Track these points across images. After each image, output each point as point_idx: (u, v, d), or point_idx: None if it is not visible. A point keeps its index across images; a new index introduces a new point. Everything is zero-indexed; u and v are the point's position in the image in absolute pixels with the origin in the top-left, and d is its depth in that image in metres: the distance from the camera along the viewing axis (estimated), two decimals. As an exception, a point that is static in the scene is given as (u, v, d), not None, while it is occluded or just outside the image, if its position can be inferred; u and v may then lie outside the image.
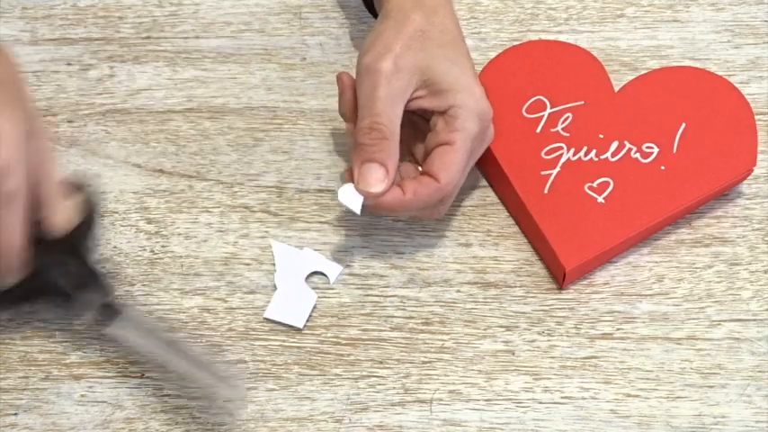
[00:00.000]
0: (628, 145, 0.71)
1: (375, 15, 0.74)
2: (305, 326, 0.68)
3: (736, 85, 0.73)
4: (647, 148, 0.71)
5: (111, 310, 0.65)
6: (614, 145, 0.71)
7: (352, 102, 0.68)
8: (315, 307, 0.69)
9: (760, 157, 0.73)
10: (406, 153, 0.70)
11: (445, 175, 0.66)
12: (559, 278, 0.69)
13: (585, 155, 0.71)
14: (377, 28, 0.68)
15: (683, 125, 0.72)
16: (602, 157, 0.71)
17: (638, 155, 0.71)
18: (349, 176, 0.67)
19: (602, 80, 0.74)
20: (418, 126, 0.70)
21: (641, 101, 0.73)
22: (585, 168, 0.71)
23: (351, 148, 0.67)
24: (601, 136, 0.72)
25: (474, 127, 0.66)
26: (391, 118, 0.65)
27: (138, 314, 0.66)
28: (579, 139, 0.72)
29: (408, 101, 0.67)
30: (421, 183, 0.66)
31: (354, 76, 0.68)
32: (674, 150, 0.71)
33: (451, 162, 0.66)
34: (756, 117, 0.72)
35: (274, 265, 0.70)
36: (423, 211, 0.69)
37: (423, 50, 0.66)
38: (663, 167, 0.71)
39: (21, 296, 0.68)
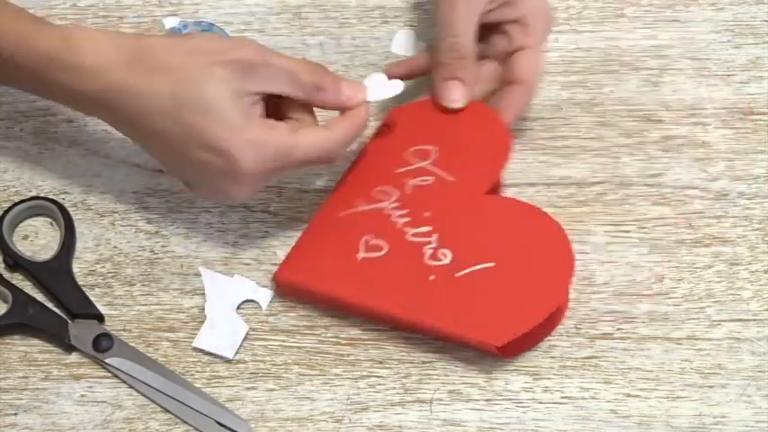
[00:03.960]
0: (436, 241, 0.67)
1: None
2: (234, 357, 0.67)
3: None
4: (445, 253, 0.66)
5: (106, 340, 0.67)
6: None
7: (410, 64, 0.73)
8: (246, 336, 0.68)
9: (760, 157, 0.73)
10: None
11: (533, 76, 0.69)
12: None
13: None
14: None
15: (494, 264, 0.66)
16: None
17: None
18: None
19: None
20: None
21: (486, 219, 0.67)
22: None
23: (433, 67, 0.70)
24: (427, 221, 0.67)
25: (546, 30, 0.70)
26: (468, 36, 0.69)
27: (132, 348, 0.67)
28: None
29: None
30: (512, 92, 0.69)
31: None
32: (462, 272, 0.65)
33: (533, 63, 0.69)
34: (756, 117, 0.72)
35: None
36: None
37: None
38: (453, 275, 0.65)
39: (14, 326, 0.68)
